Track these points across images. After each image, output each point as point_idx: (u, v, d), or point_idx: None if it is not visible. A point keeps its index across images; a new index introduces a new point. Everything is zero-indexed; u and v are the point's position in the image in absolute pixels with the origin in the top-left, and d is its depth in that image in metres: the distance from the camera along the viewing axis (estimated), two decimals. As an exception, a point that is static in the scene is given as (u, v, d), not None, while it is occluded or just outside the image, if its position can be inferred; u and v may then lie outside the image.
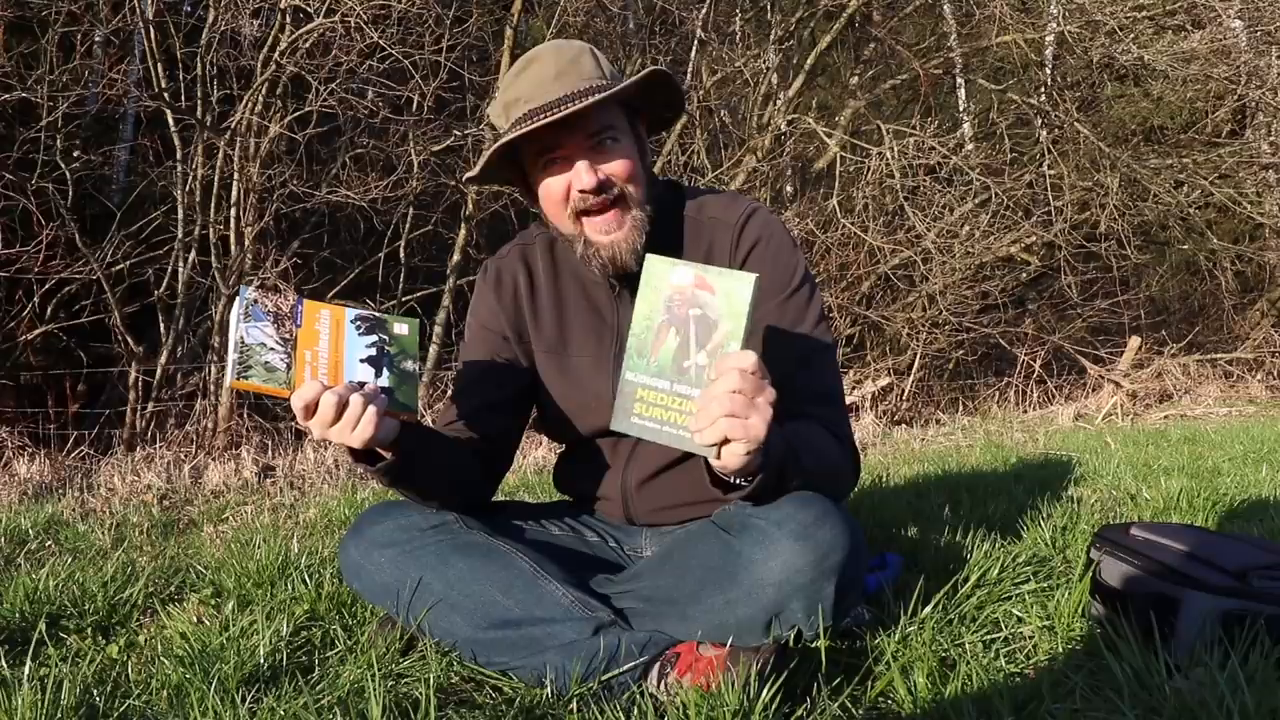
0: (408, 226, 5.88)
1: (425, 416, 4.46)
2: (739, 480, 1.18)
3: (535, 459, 4.16)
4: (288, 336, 1.20)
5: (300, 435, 4.51)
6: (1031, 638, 1.37)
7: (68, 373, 5.13)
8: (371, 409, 1.18)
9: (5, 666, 1.34)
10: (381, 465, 1.28)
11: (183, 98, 5.30)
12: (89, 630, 1.58)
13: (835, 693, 1.17)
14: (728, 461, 1.09)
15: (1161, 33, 6.67)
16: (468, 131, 5.47)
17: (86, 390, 5.27)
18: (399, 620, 1.36)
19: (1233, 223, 8.36)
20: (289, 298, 1.23)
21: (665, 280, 1.14)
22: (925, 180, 6.18)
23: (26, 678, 1.24)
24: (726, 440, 1.07)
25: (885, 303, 6.60)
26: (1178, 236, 7.98)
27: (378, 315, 1.28)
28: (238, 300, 1.20)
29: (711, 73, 6.40)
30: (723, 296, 1.10)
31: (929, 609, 1.38)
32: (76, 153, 5.21)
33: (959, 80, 7.69)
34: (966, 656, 1.29)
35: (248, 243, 5.16)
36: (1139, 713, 1.07)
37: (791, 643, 1.21)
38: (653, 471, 1.48)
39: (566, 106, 1.28)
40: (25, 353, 5.26)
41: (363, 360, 1.24)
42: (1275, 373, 7.66)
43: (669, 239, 1.45)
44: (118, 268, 5.04)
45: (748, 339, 1.10)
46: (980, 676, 1.20)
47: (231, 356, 1.17)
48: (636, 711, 1.13)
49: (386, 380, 1.24)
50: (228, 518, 2.93)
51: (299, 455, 4.12)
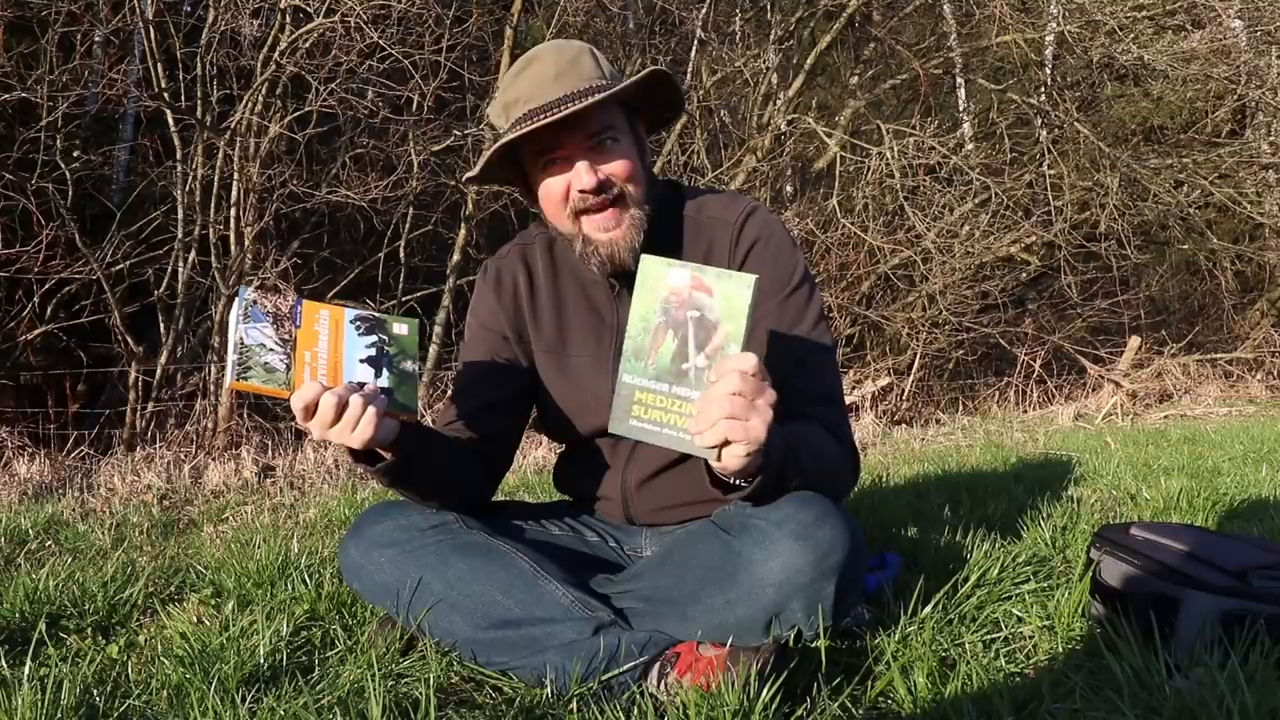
0: (408, 226, 5.87)
1: (425, 416, 4.46)
2: (739, 481, 1.18)
3: (535, 459, 4.16)
4: (287, 337, 1.20)
5: (300, 435, 4.51)
6: (1031, 638, 1.37)
7: (68, 373, 5.13)
8: (371, 409, 1.18)
9: (5, 666, 1.34)
10: (381, 465, 1.28)
11: (183, 98, 5.30)
12: (89, 630, 1.57)
13: (835, 693, 1.17)
14: (728, 463, 1.09)
15: (1161, 33, 6.67)
16: (468, 131, 5.47)
17: (86, 390, 5.27)
18: (399, 620, 1.36)
19: (1233, 223, 8.36)
20: (288, 298, 1.23)
21: (661, 281, 1.13)
22: (925, 180, 6.18)
23: (26, 678, 1.24)
24: (727, 442, 1.07)
25: (885, 303, 6.60)
26: (1178, 236, 7.98)
27: (377, 315, 1.28)
28: (237, 301, 1.20)
29: (711, 73, 6.40)
30: (722, 298, 1.10)
31: (929, 609, 1.38)
32: (76, 153, 5.21)
33: (959, 80, 7.69)
34: (966, 656, 1.29)
35: (248, 243, 5.16)
36: (1139, 713, 1.07)
37: (791, 643, 1.21)
38: (653, 471, 1.48)
39: (566, 107, 1.28)
40: (25, 353, 5.25)
41: (362, 361, 1.24)
42: (1275, 373, 7.66)
43: (669, 238, 1.45)
44: (118, 268, 5.04)
45: (747, 340, 1.10)
46: (980, 676, 1.20)
47: (231, 357, 1.17)
48: (636, 711, 1.13)
49: (386, 381, 1.24)
50: (228, 518, 2.93)
51: (299, 455, 4.12)
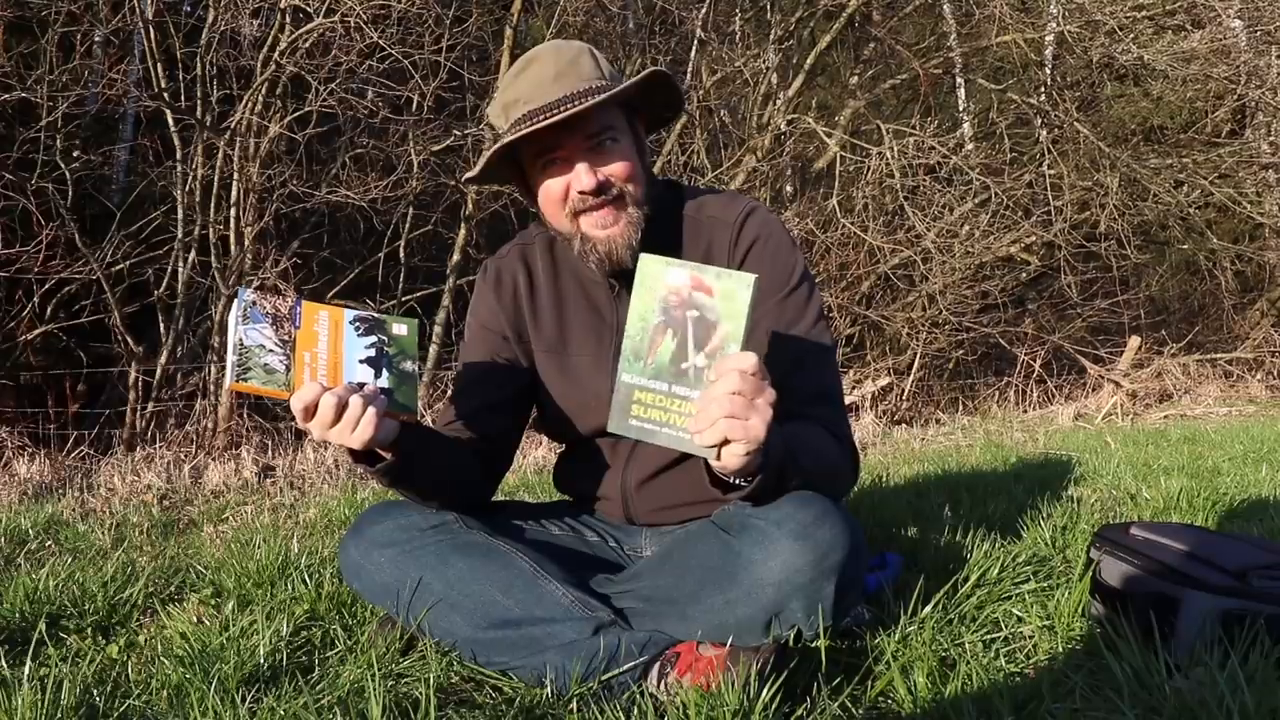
0: (407, 226, 5.87)
1: (425, 417, 4.46)
2: (738, 480, 1.18)
3: (535, 459, 4.16)
4: (286, 338, 1.20)
5: (300, 435, 4.51)
6: (1031, 637, 1.37)
7: (68, 373, 5.13)
8: (371, 410, 1.18)
9: (5, 666, 1.34)
10: (381, 466, 1.28)
11: (182, 98, 5.29)
12: (89, 630, 1.57)
13: (835, 692, 1.17)
14: (727, 462, 1.09)
15: (1161, 33, 6.67)
16: (468, 131, 5.47)
17: (86, 390, 5.27)
18: (399, 620, 1.36)
19: (1233, 222, 8.35)
20: (287, 299, 1.23)
21: (660, 280, 1.13)
22: (925, 180, 6.18)
23: (26, 678, 1.24)
24: (726, 441, 1.07)
25: (885, 302, 6.60)
26: (1178, 236, 7.98)
27: (376, 316, 1.28)
28: (236, 302, 1.20)
29: (711, 73, 6.40)
30: (721, 298, 1.10)
31: (929, 609, 1.38)
32: (76, 153, 5.21)
33: (959, 80, 7.69)
34: (966, 656, 1.29)
35: (248, 243, 5.16)
36: (1139, 712, 1.07)
37: (791, 642, 1.21)
38: (652, 471, 1.48)
39: (566, 108, 1.28)
40: (25, 353, 5.25)
41: (362, 361, 1.24)
42: (1275, 372, 7.66)
43: (668, 238, 1.45)
44: (118, 268, 5.04)
45: (747, 340, 1.10)
46: (980, 676, 1.20)
47: (230, 358, 1.17)
48: (636, 711, 1.13)
49: (386, 381, 1.24)
50: (228, 518, 2.93)
51: (299, 455, 4.12)
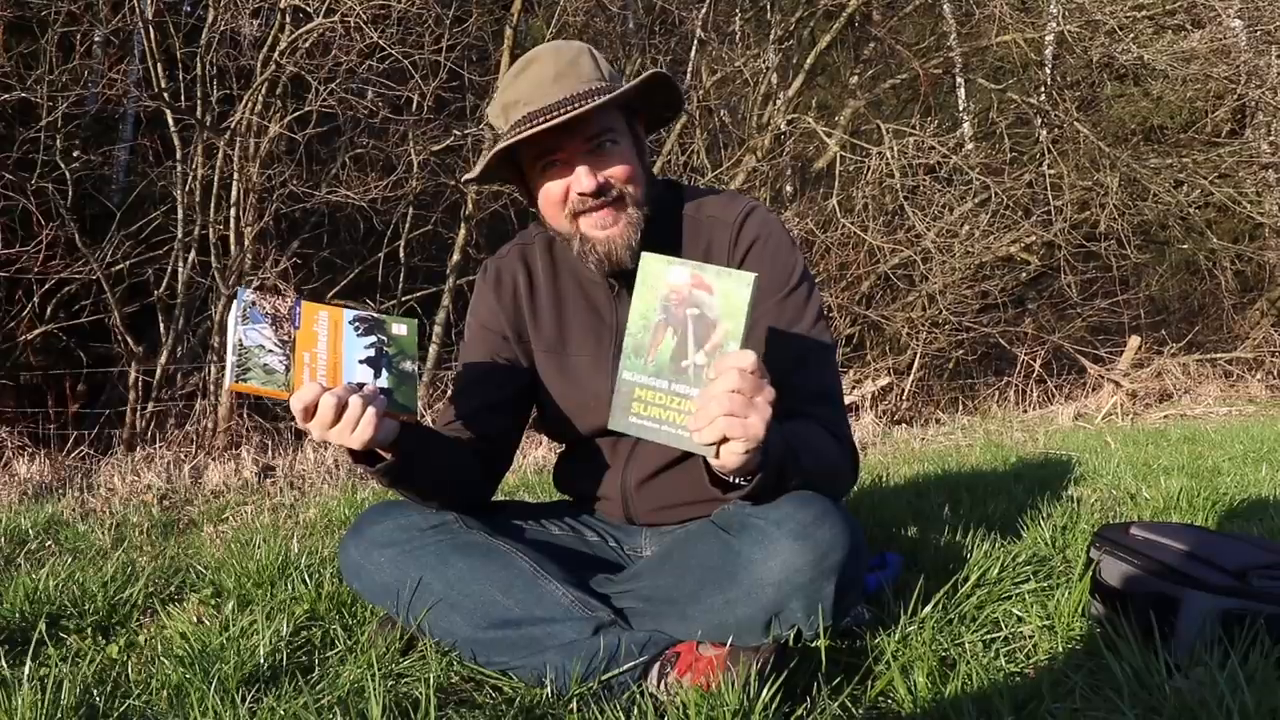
0: (407, 226, 5.87)
1: (425, 417, 4.46)
2: (738, 480, 1.18)
3: (535, 459, 4.16)
4: (286, 338, 1.20)
5: (300, 435, 4.51)
6: (1031, 637, 1.37)
7: (68, 373, 5.13)
8: (370, 410, 1.18)
9: (5, 666, 1.34)
10: (381, 466, 1.28)
11: (182, 98, 5.30)
12: (89, 630, 1.57)
13: (835, 692, 1.17)
14: (726, 460, 1.09)
15: (1161, 32, 6.67)
16: (468, 131, 5.47)
17: (86, 390, 5.27)
18: (399, 620, 1.36)
19: (1232, 222, 8.35)
20: (287, 299, 1.23)
21: (661, 279, 1.14)
22: (925, 180, 6.18)
23: (26, 678, 1.24)
24: (725, 439, 1.07)
25: (885, 302, 6.60)
26: (1177, 236, 7.98)
27: (376, 316, 1.28)
28: (235, 302, 1.20)
29: (711, 73, 6.40)
30: (721, 296, 1.10)
31: (929, 609, 1.38)
32: (76, 153, 5.21)
33: (959, 80, 7.69)
34: (966, 656, 1.29)
35: (247, 243, 5.16)
36: (1139, 712, 1.07)
37: (791, 642, 1.21)
38: (652, 471, 1.48)
39: (565, 110, 1.28)
40: (25, 353, 5.25)
41: (361, 361, 1.24)
42: (1275, 372, 7.66)
43: (668, 238, 1.45)
44: (118, 268, 5.04)
45: (746, 338, 1.10)
46: (980, 676, 1.20)
47: (230, 359, 1.17)
48: (636, 711, 1.13)
49: (385, 381, 1.24)
50: (228, 518, 2.93)
51: (299, 455, 4.12)
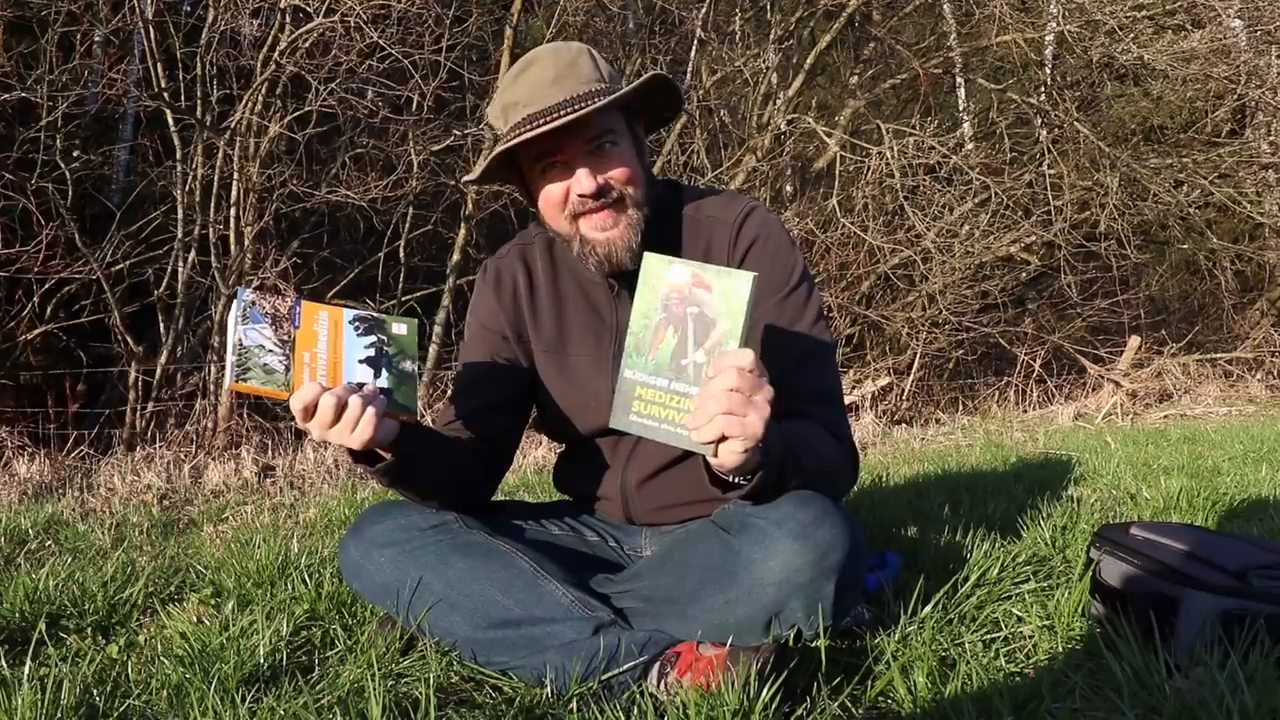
0: (407, 226, 5.87)
1: (425, 416, 4.46)
2: (738, 479, 1.18)
3: (535, 459, 4.15)
4: (286, 338, 1.20)
5: (300, 435, 4.51)
6: (1031, 637, 1.37)
7: (68, 373, 5.14)
8: (370, 410, 1.18)
9: (5, 666, 1.34)
10: (381, 466, 1.28)
11: (182, 98, 5.29)
12: (89, 630, 1.57)
13: (835, 692, 1.17)
14: (725, 459, 1.09)
15: (1161, 32, 6.67)
16: (468, 131, 5.47)
17: (86, 390, 5.27)
18: (399, 620, 1.36)
19: (1232, 222, 8.35)
20: (287, 299, 1.23)
21: (663, 279, 1.14)
22: (925, 180, 6.18)
23: (26, 678, 1.24)
24: (724, 438, 1.07)
25: (885, 302, 6.59)
26: (1177, 236, 7.98)
27: (376, 316, 1.27)
28: (235, 302, 1.20)
29: (711, 72, 6.39)
30: (721, 295, 1.11)
31: (929, 609, 1.38)
32: (76, 153, 5.21)
33: (959, 80, 7.69)
34: (966, 656, 1.29)
35: (247, 242, 5.16)
36: (1139, 712, 1.07)
37: (791, 642, 1.21)
38: (652, 471, 1.48)
39: (565, 113, 1.28)
40: (25, 353, 5.26)
41: (361, 361, 1.23)
42: (1275, 372, 7.65)
43: (668, 238, 1.44)
44: (117, 268, 5.04)
45: (745, 337, 1.10)
46: (980, 676, 1.20)
47: (230, 358, 1.17)
48: (636, 711, 1.13)
49: (385, 381, 1.24)
50: (228, 518, 2.93)
51: (299, 455, 4.12)
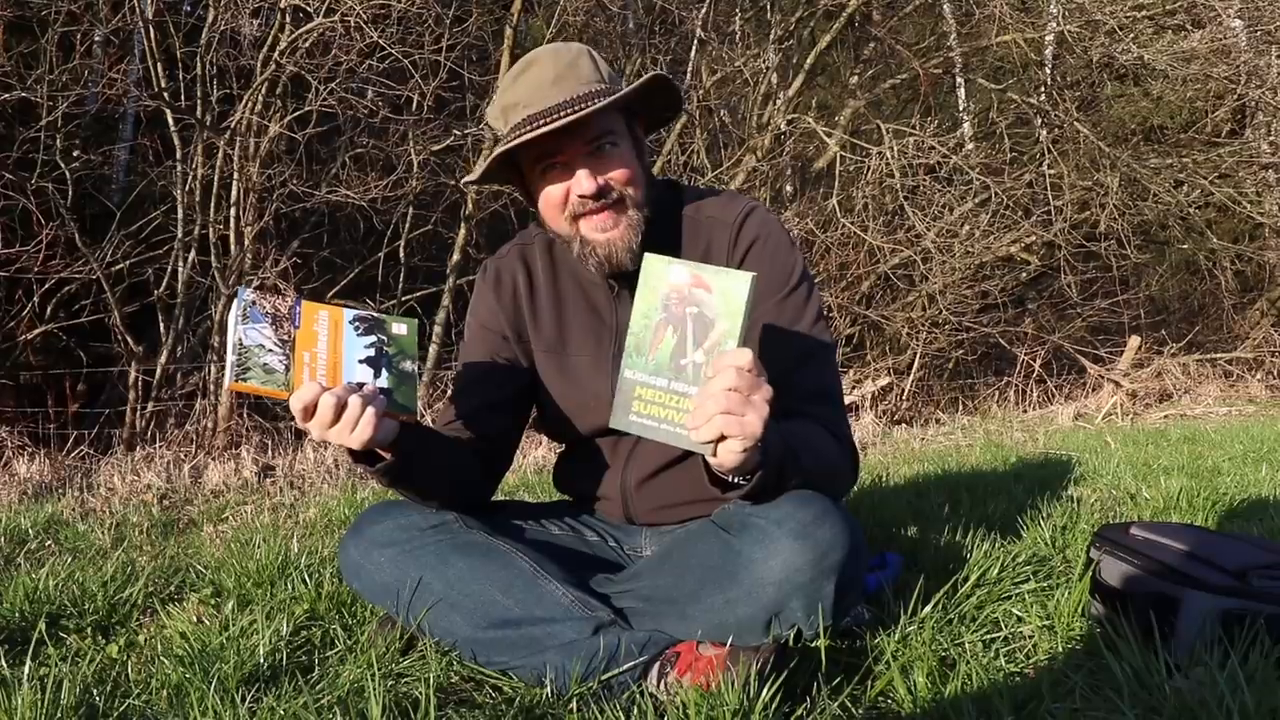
0: (407, 226, 5.87)
1: (425, 416, 4.46)
2: (737, 479, 1.18)
3: (535, 459, 4.15)
4: (286, 338, 1.20)
5: (300, 435, 4.51)
6: (1031, 637, 1.37)
7: (68, 373, 5.14)
8: (370, 410, 1.18)
9: (5, 666, 1.34)
10: (381, 466, 1.28)
11: (182, 97, 5.29)
12: (89, 630, 1.57)
13: (835, 692, 1.17)
14: (724, 459, 1.09)
15: (1161, 32, 6.67)
16: (468, 131, 5.47)
17: (86, 390, 5.27)
18: (399, 620, 1.36)
19: (1232, 222, 8.35)
20: (287, 299, 1.23)
21: (663, 279, 1.14)
22: (925, 180, 6.18)
23: (26, 677, 1.24)
24: (723, 437, 1.07)
25: (885, 302, 6.59)
26: (1177, 236, 7.98)
27: (376, 316, 1.27)
28: (235, 302, 1.20)
29: (711, 72, 6.39)
30: (720, 295, 1.11)
31: (929, 609, 1.38)
32: (76, 152, 5.21)
33: (959, 80, 7.69)
34: (966, 656, 1.29)
35: (247, 242, 5.16)
36: (1139, 712, 1.07)
37: (791, 642, 1.21)
38: (652, 471, 1.48)
39: (565, 114, 1.28)
40: (25, 353, 5.26)
41: (361, 361, 1.23)
42: (1275, 372, 7.65)
43: (667, 238, 1.44)
44: (117, 267, 5.04)
45: (745, 337, 1.10)
46: (980, 676, 1.20)
47: (230, 358, 1.17)
48: (636, 711, 1.13)
49: (385, 381, 1.24)
50: (228, 517, 2.93)
51: (299, 455, 4.12)
